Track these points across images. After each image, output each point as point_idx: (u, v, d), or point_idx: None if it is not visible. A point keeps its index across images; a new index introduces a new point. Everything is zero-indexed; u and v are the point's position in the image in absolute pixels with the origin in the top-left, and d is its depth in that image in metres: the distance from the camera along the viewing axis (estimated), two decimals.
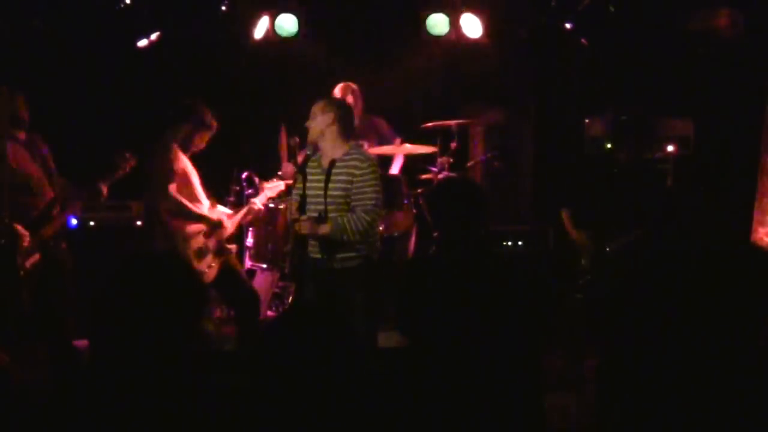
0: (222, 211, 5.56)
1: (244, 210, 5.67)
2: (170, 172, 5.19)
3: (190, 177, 5.31)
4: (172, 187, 5.19)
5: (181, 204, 5.22)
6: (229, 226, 5.51)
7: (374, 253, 4.86)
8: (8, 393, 2.52)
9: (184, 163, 5.29)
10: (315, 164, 4.83)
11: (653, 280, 2.98)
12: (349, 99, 6.62)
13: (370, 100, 6.98)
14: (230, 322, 6.65)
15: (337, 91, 6.74)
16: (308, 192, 4.77)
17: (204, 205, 5.41)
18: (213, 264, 5.32)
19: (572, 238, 5.31)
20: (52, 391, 2.22)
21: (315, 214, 4.73)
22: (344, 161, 4.73)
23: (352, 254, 4.77)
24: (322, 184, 4.74)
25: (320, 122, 4.78)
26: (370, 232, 4.76)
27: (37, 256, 5.10)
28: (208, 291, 5.43)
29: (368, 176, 4.70)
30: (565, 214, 5.38)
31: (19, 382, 4.74)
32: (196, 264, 5.20)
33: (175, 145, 5.27)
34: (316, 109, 4.82)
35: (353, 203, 4.69)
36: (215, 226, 5.38)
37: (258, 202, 5.72)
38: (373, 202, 4.70)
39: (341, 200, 4.71)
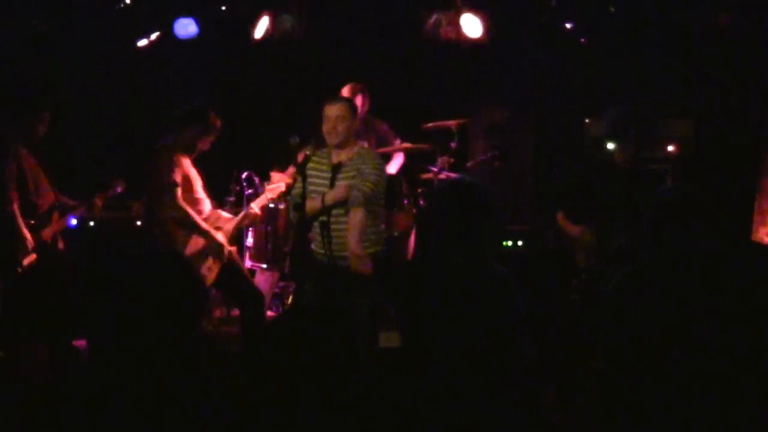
0: (222, 215, 5.55)
1: (241, 215, 5.63)
2: (175, 181, 5.16)
3: (192, 182, 5.29)
4: (179, 197, 5.16)
5: (186, 214, 5.19)
6: (228, 229, 5.49)
7: (378, 252, 4.86)
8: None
9: (187, 167, 5.28)
10: (322, 162, 4.84)
11: (654, 281, 2.98)
12: (359, 99, 6.62)
13: (370, 100, 6.98)
14: (230, 322, 6.66)
15: (346, 91, 6.69)
16: (310, 189, 4.78)
17: (206, 209, 5.39)
18: (213, 266, 5.30)
19: (571, 235, 5.28)
20: (52, 390, 2.22)
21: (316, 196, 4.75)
22: (353, 161, 4.77)
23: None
24: (327, 182, 4.77)
25: (351, 124, 4.80)
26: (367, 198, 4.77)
27: (33, 256, 5.14)
28: (208, 291, 5.43)
29: (372, 170, 4.74)
30: (560, 215, 5.36)
31: (20, 381, 4.76)
32: (196, 265, 5.18)
33: (178, 152, 5.24)
34: (346, 111, 4.81)
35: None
36: (214, 243, 5.34)
37: (256, 207, 5.68)
38: (367, 190, 4.71)
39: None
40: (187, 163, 5.28)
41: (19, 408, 2.23)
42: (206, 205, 5.41)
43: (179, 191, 5.17)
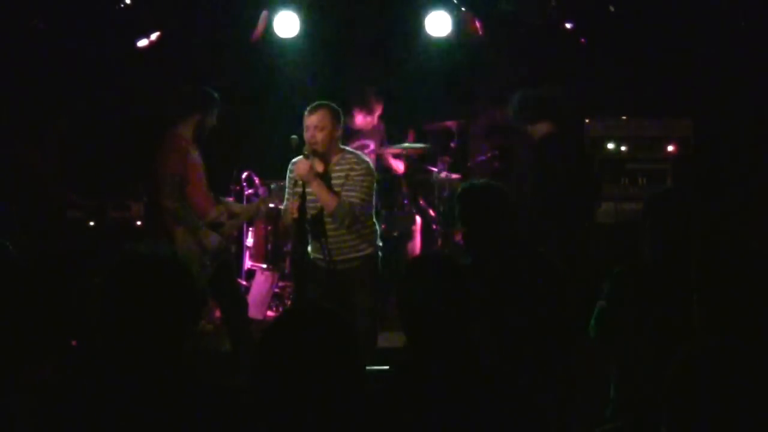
0: (228, 204, 5.54)
1: (254, 205, 5.73)
2: (176, 172, 5.12)
3: (200, 174, 5.23)
4: (177, 189, 5.13)
5: (180, 209, 5.16)
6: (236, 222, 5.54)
7: (376, 252, 4.88)
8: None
9: (195, 159, 5.21)
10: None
11: (652, 280, 2.98)
12: (374, 103, 6.63)
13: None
14: None
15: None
16: (306, 192, 4.79)
17: (214, 201, 5.37)
18: (209, 264, 5.26)
19: None
20: (51, 390, 2.23)
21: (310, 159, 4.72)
22: (341, 164, 4.75)
23: (354, 254, 4.79)
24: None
25: (332, 132, 4.73)
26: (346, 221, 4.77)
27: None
28: (205, 292, 5.41)
29: (360, 176, 4.72)
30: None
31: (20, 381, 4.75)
32: (193, 264, 5.15)
33: (184, 144, 5.18)
34: (324, 119, 4.73)
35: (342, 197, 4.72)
36: (216, 226, 5.32)
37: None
38: (357, 201, 4.70)
39: None
40: (194, 155, 5.21)
41: (19, 407, 2.23)
42: (212, 198, 5.37)
43: (180, 183, 5.11)
